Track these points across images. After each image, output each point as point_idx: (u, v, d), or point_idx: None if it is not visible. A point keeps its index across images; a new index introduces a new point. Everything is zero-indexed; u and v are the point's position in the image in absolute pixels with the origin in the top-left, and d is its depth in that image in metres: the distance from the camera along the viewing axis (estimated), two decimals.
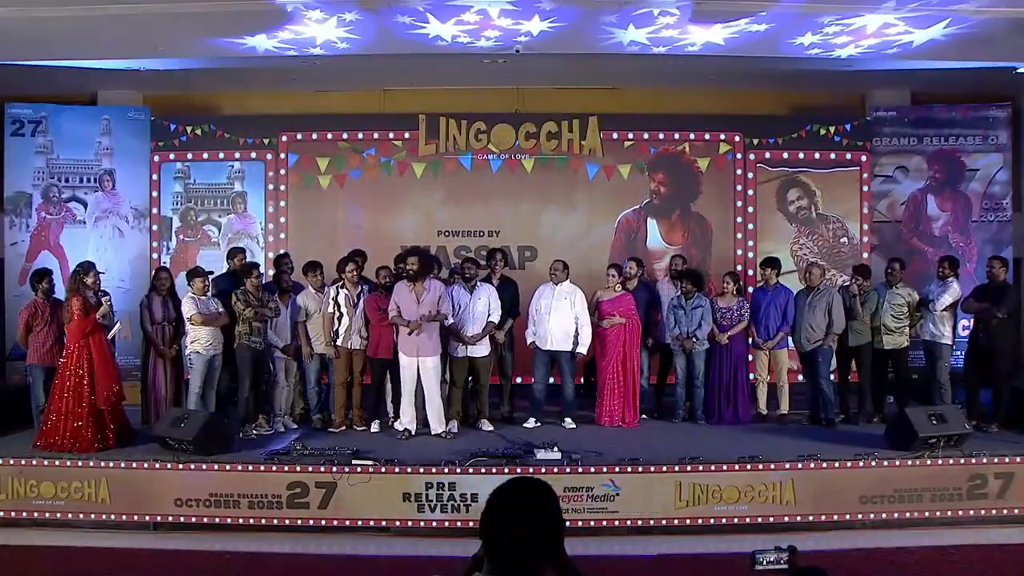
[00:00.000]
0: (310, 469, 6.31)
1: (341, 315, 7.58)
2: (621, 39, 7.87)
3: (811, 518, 6.24)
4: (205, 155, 9.72)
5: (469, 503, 6.15)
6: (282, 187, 9.73)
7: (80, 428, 6.67)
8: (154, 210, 9.77)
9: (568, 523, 5.01)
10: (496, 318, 7.67)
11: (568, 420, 7.78)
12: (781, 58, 8.43)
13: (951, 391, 7.90)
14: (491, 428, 7.61)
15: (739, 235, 9.78)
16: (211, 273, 7.88)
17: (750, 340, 8.06)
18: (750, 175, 9.77)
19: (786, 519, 6.21)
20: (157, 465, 6.41)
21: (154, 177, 9.75)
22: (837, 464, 6.39)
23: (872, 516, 6.29)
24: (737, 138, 9.75)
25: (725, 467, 6.26)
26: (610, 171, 9.70)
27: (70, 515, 6.35)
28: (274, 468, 6.34)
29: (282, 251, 8.87)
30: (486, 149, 9.64)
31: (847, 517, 6.28)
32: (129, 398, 7.37)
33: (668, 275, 8.61)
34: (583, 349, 7.85)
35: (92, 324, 6.83)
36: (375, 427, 7.60)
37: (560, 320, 7.75)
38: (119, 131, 9.76)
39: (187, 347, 7.43)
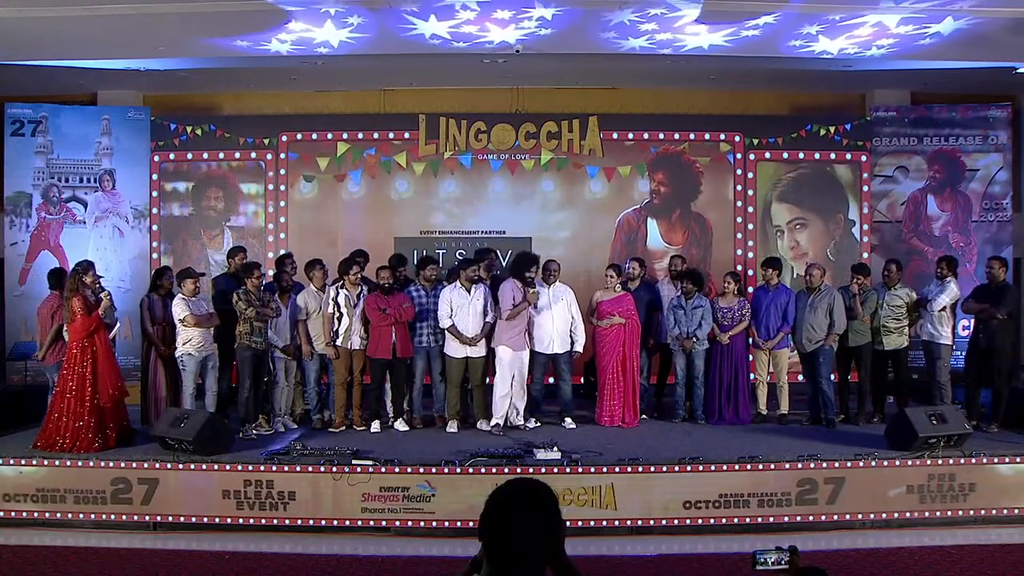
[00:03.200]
0: (133, 465, 6.38)
1: (341, 315, 7.57)
2: (622, 43, 7.89)
3: (629, 523, 6.22)
4: (205, 155, 9.74)
5: (287, 501, 6.21)
6: (282, 187, 9.74)
7: (81, 428, 6.67)
8: (154, 210, 9.78)
9: (385, 523, 4.94)
10: (492, 318, 7.68)
11: (568, 420, 7.77)
12: (781, 58, 8.43)
13: (951, 391, 7.90)
14: (489, 428, 7.62)
15: (739, 235, 9.79)
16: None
17: (750, 340, 8.06)
18: (750, 175, 9.79)
19: (604, 523, 6.16)
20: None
21: (154, 177, 9.76)
22: (653, 469, 6.30)
23: (700, 521, 6.18)
24: (737, 138, 9.76)
25: (544, 470, 6.21)
26: (610, 171, 9.71)
27: (70, 515, 6.37)
28: (103, 464, 6.44)
29: (283, 251, 8.90)
30: (486, 149, 9.65)
31: (662, 522, 6.20)
32: (128, 398, 7.35)
33: (668, 275, 8.62)
34: (579, 347, 7.85)
35: (96, 322, 6.83)
36: (375, 427, 7.59)
37: (558, 322, 7.74)
38: (119, 131, 9.77)
39: (179, 348, 7.41)
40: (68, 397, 6.72)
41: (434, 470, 6.25)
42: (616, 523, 6.17)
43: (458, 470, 6.25)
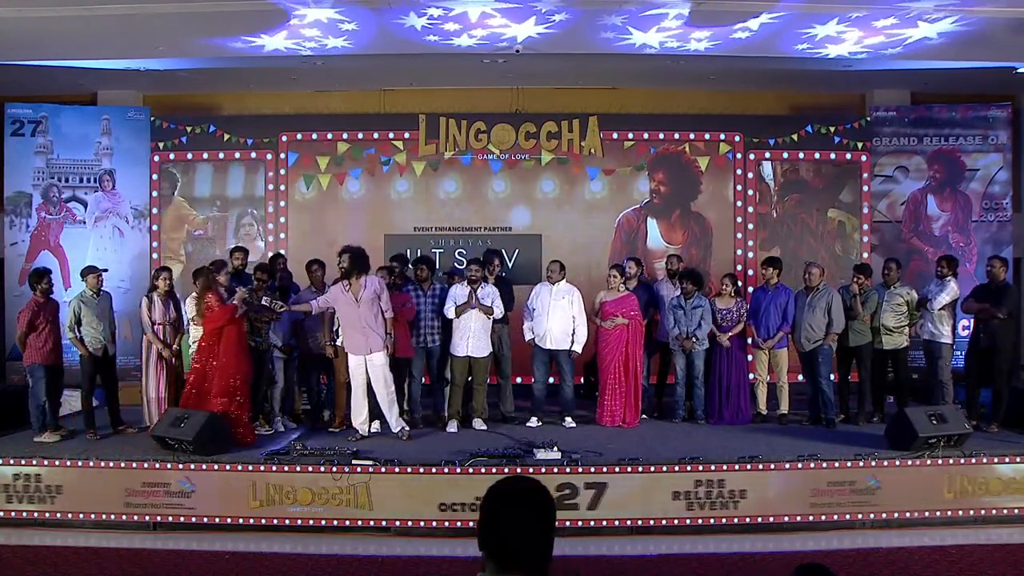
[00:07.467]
0: None
1: None
2: (632, 41, 7.89)
3: (384, 523, 6.17)
4: (205, 155, 9.74)
5: (55, 495, 6.37)
6: (282, 187, 9.74)
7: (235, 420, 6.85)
8: (154, 210, 9.78)
9: (148, 518, 4.82)
10: (499, 313, 7.70)
11: (568, 420, 7.78)
12: (781, 58, 8.43)
13: (952, 390, 7.90)
14: (484, 427, 7.62)
15: (739, 235, 9.79)
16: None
17: (749, 340, 8.06)
18: (750, 175, 9.79)
19: (360, 523, 6.15)
20: None
21: (154, 177, 9.76)
22: (410, 470, 6.25)
23: (459, 524, 6.05)
24: (737, 138, 9.76)
25: (299, 468, 6.25)
26: (610, 171, 9.71)
27: (70, 515, 6.37)
28: None
29: (280, 251, 8.90)
30: (486, 149, 9.65)
31: (432, 524, 6.13)
32: (128, 398, 7.34)
33: (667, 275, 8.62)
34: (578, 348, 7.85)
35: (231, 311, 6.92)
36: (375, 427, 7.59)
37: (559, 319, 7.76)
38: (119, 131, 9.77)
39: (190, 346, 7.42)
40: (195, 393, 6.90)
41: (193, 467, 6.30)
42: (372, 523, 6.14)
43: (494, 469, 6.20)
